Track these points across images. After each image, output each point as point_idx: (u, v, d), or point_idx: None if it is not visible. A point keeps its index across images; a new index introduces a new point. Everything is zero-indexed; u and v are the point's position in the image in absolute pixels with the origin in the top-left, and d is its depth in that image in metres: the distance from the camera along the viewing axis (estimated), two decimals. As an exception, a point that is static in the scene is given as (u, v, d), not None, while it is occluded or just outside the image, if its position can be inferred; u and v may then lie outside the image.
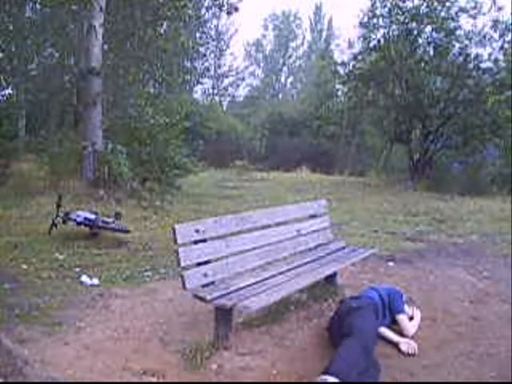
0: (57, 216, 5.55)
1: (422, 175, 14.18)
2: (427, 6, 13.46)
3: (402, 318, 3.22)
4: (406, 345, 2.95)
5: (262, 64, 37.63)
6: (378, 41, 14.30)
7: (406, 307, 3.35)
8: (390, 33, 14.15)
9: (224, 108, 31.39)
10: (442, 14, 13.42)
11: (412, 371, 2.70)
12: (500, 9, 12.96)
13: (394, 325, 3.23)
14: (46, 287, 3.95)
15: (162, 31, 11.67)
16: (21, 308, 3.40)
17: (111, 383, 2.47)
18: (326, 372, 2.36)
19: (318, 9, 37.64)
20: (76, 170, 8.84)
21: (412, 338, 3.10)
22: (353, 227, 7.17)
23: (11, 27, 13.18)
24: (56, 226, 5.57)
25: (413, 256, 5.36)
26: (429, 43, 14.06)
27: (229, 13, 11.01)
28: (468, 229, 7.20)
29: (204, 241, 3.00)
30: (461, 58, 13.55)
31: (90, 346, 2.85)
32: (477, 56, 13.46)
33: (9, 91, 15.65)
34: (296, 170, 18.90)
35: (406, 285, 4.21)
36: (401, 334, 3.15)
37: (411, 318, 3.30)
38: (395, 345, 2.99)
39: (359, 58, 15.16)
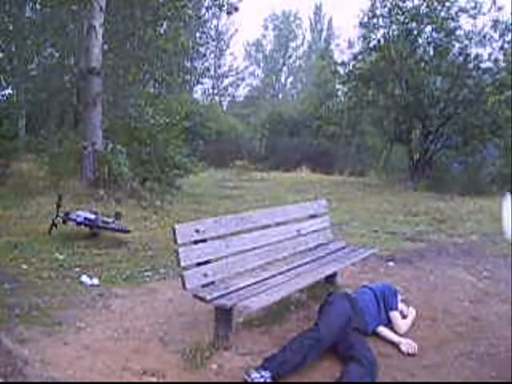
0: (57, 216, 5.54)
1: (422, 175, 14.18)
2: (427, 6, 13.45)
3: (394, 315, 3.23)
4: (406, 345, 2.95)
5: (262, 64, 37.62)
6: (378, 41, 14.29)
7: (402, 305, 3.35)
8: (390, 33, 14.15)
9: (224, 108, 31.40)
10: (442, 14, 13.42)
11: (412, 371, 2.70)
12: (500, 9, 12.99)
13: (390, 323, 3.23)
14: (46, 287, 3.95)
15: (162, 31, 11.65)
16: (21, 308, 3.40)
17: (111, 383, 2.47)
18: (262, 365, 2.50)
19: (318, 9, 37.66)
20: (76, 170, 8.83)
21: (405, 335, 3.10)
22: (353, 227, 7.17)
23: (11, 27, 13.17)
24: (56, 225, 5.56)
25: (413, 256, 5.36)
26: (429, 43, 14.07)
27: (229, 13, 11.00)
28: (468, 229, 7.20)
29: (204, 241, 3.00)
30: (461, 58, 13.54)
31: (89, 346, 2.85)
32: (477, 56, 13.46)
33: (9, 91, 15.66)
34: (296, 170, 18.90)
35: (406, 285, 4.22)
36: (392, 330, 3.15)
37: (405, 317, 3.30)
38: (395, 345, 2.99)
39: (359, 57, 15.16)
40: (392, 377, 2.64)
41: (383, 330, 3.11)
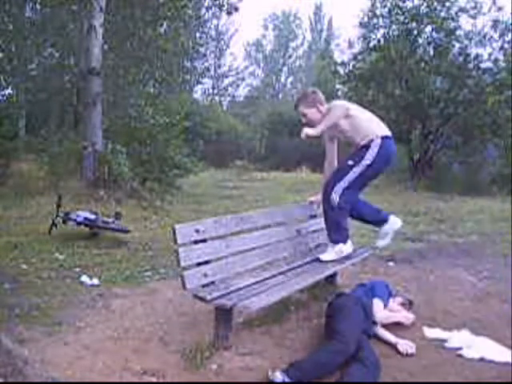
0: (57, 216, 5.55)
1: (422, 175, 14.16)
2: (427, 6, 13.44)
3: (375, 302, 3.20)
4: (403, 346, 2.94)
5: (262, 64, 37.65)
6: (378, 41, 14.28)
7: (399, 307, 3.34)
8: (390, 33, 14.13)
9: (224, 108, 31.42)
10: (442, 14, 13.40)
11: (412, 371, 2.70)
12: (500, 9, 12.98)
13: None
14: (46, 287, 3.95)
15: (162, 31, 11.67)
16: (21, 308, 3.40)
17: (111, 383, 2.47)
18: (285, 369, 2.45)
19: (318, 9, 37.73)
20: (76, 170, 8.84)
21: (401, 336, 3.09)
22: (353, 227, 7.14)
23: (11, 27, 13.19)
24: (56, 225, 5.57)
25: (413, 256, 5.35)
26: (429, 43, 14.04)
27: (229, 13, 11.01)
28: (468, 229, 7.19)
29: (204, 241, 3.00)
30: (461, 58, 13.53)
31: (89, 346, 2.85)
32: (477, 56, 13.44)
33: (9, 91, 15.69)
34: (296, 170, 18.89)
35: (406, 285, 4.22)
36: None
37: (396, 311, 3.29)
38: (393, 345, 2.98)
39: (359, 57, 15.14)
40: (392, 377, 2.64)
41: (381, 331, 3.11)
